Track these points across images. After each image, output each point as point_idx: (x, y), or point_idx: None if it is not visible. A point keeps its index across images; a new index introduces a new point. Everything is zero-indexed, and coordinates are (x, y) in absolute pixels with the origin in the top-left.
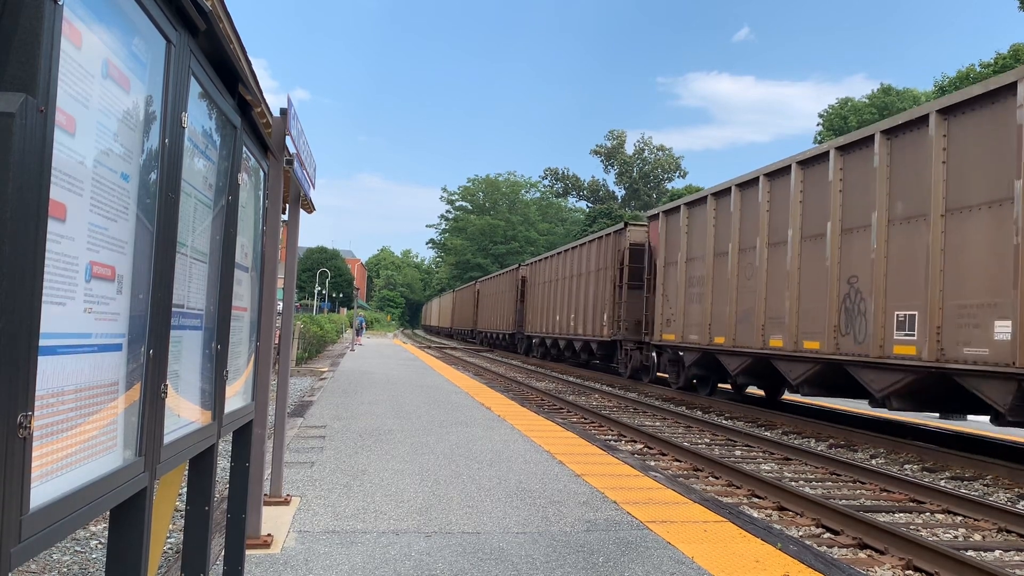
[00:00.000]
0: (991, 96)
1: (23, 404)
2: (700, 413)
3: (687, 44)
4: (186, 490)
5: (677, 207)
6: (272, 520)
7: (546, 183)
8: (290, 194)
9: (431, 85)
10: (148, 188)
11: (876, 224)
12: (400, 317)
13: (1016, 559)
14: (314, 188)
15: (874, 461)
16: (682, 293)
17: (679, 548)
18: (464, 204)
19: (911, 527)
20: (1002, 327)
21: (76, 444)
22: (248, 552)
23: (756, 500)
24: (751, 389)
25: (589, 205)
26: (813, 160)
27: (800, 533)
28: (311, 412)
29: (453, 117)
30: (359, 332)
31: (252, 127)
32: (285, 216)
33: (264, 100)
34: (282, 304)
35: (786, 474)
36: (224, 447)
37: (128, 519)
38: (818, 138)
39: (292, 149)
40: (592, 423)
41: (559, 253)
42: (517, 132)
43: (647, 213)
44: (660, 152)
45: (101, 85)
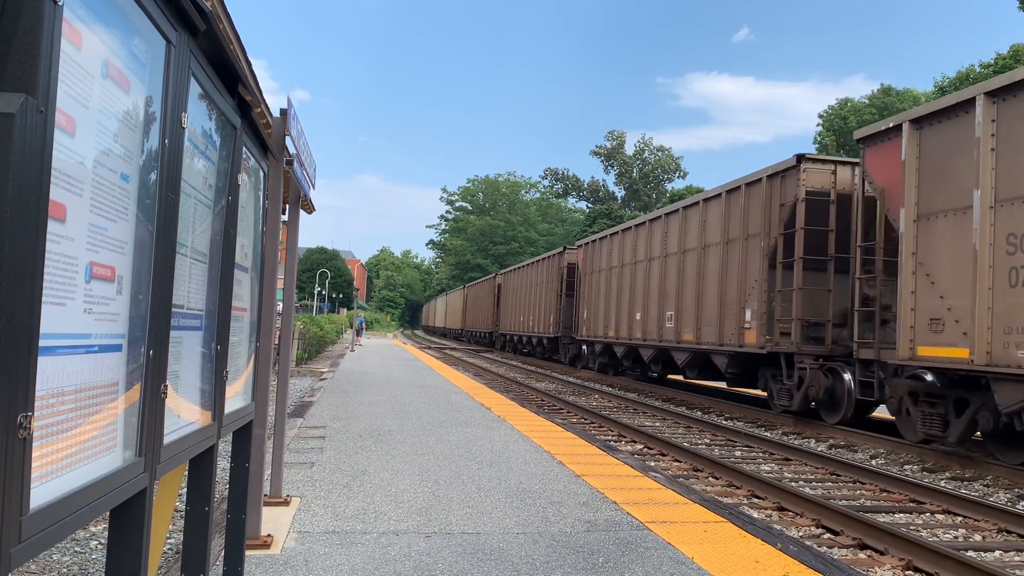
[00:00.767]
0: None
1: (23, 404)
2: (700, 413)
3: (687, 44)
4: (186, 490)
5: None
6: (272, 520)
7: (546, 183)
8: (290, 194)
9: (431, 85)
10: (148, 188)
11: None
12: (400, 318)
13: (1016, 559)
14: (314, 188)
15: (874, 461)
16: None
17: (679, 548)
18: (464, 204)
19: (911, 527)
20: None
21: (76, 444)
22: (248, 552)
23: (756, 500)
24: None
25: (589, 205)
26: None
27: (800, 533)
28: (311, 412)
29: (453, 117)
30: (359, 333)
31: (252, 127)
32: (285, 216)
33: (264, 100)
34: (282, 304)
35: (786, 474)
36: (224, 447)
37: (128, 519)
38: (818, 138)
39: (292, 149)
40: (592, 423)
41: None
42: (517, 132)
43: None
44: (660, 153)
45: (101, 85)
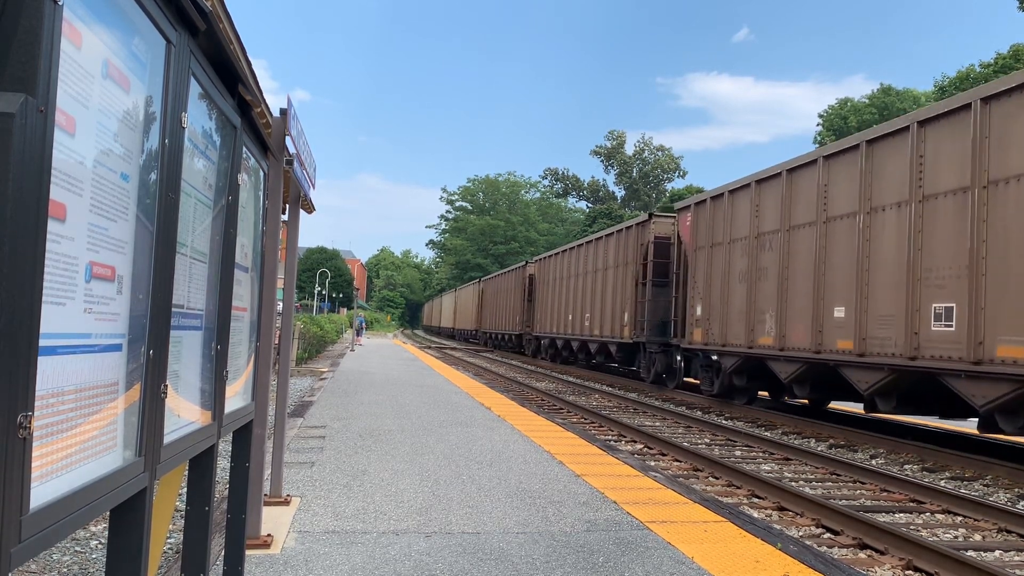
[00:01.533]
0: None
1: (23, 404)
2: (700, 413)
3: (687, 45)
4: (186, 490)
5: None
6: (272, 520)
7: (546, 183)
8: (290, 194)
9: (431, 85)
10: (148, 188)
11: None
12: (400, 317)
13: (1016, 559)
14: (314, 188)
15: (874, 461)
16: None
17: (679, 548)
18: (464, 204)
19: (911, 527)
20: None
21: (76, 444)
22: (248, 552)
23: (756, 500)
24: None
25: (589, 205)
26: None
27: (800, 533)
28: (311, 412)
29: (453, 117)
30: (359, 332)
31: (252, 127)
32: (285, 216)
33: (264, 100)
34: (282, 304)
35: (786, 474)
36: (224, 447)
37: (128, 519)
38: (818, 138)
39: (292, 149)
40: (592, 423)
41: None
42: (517, 132)
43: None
44: (660, 152)
45: (101, 85)
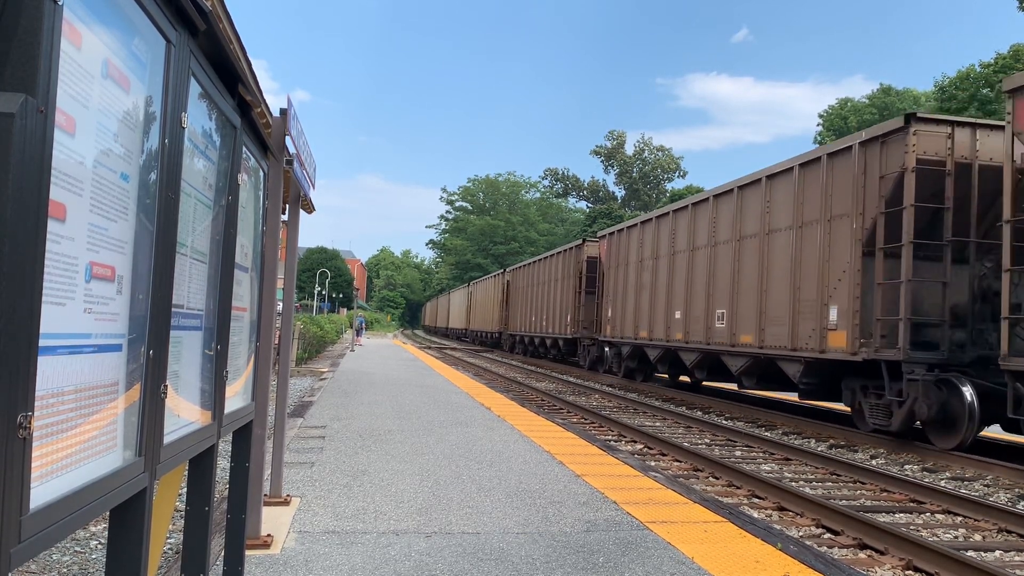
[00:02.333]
0: None
1: (23, 404)
2: (700, 413)
3: (686, 45)
4: (186, 490)
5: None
6: (272, 520)
7: (546, 183)
8: (290, 194)
9: (431, 85)
10: (148, 188)
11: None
12: (400, 317)
13: (1016, 559)
14: (314, 188)
15: (874, 461)
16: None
17: (679, 548)
18: (464, 204)
19: (911, 527)
20: None
21: (76, 444)
22: (248, 552)
23: (756, 500)
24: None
25: (589, 205)
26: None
27: (800, 533)
28: (311, 412)
29: (453, 117)
30: (359, 332)
31: (252, 127)
32: (285, 216)
33: (264, 100)
34: (282, 304)
35: (786, 474)
36: (224, 447)
37: (128, 519)
38: (818, 138)
39: (292, 149)
40: (592, 423)
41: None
42: (517, 132)
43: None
44: (660, 153)
45: (101, 85)
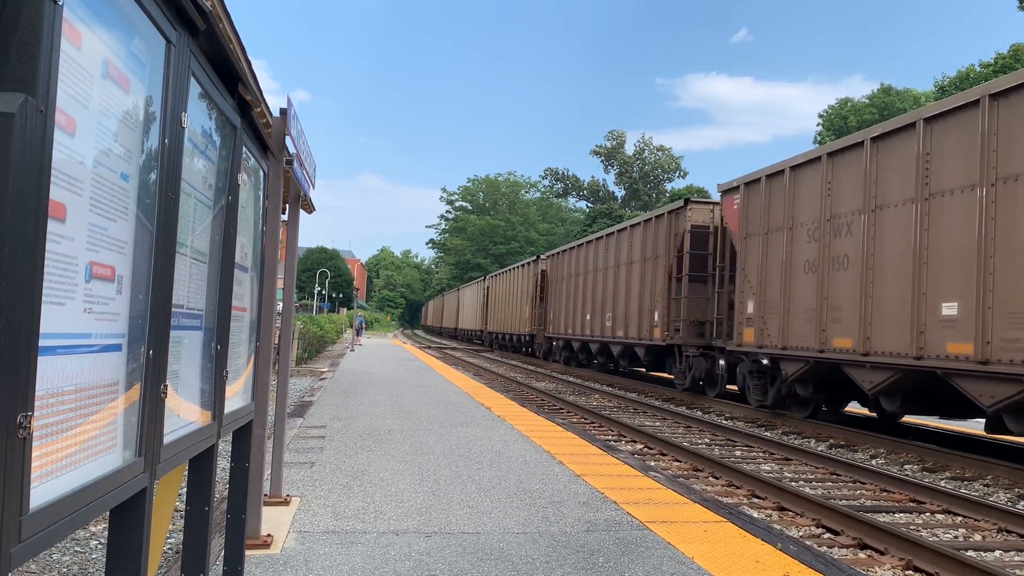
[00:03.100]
0: None
1: (23, 404)
2: (700, 413)
3: (686, 45)
4: (186, 490)
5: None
6: (272, 520)
7: (546, 183)
8: (290, 194)
9: (432, 85)
10: (148, 188)
11: None
12: (400, 317)
13: (1016, 559)
14: (314, 188)
15: (874, 461)
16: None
17: (679, 548)
18: (464, 204)
19: (911, 527)
20: None
21: (76, 444)
22: (248, 552)
23: (756, 500)
24: None
25: (589, 205)
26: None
27: (800, 533)
28: (311, 412)
29: (453, 117)
30: (359, 332)
31: (252, 127)
32: (285, 216)
33: (264, 100)
34: (282, 304)
35: (786, 474)
36: (224, 447)
37: (128, 519)
38: (817, 139)
39: (292, 149)
40: (592, 423)
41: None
42: (517, 132)
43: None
44: (660, 152)
45: (101, 85)
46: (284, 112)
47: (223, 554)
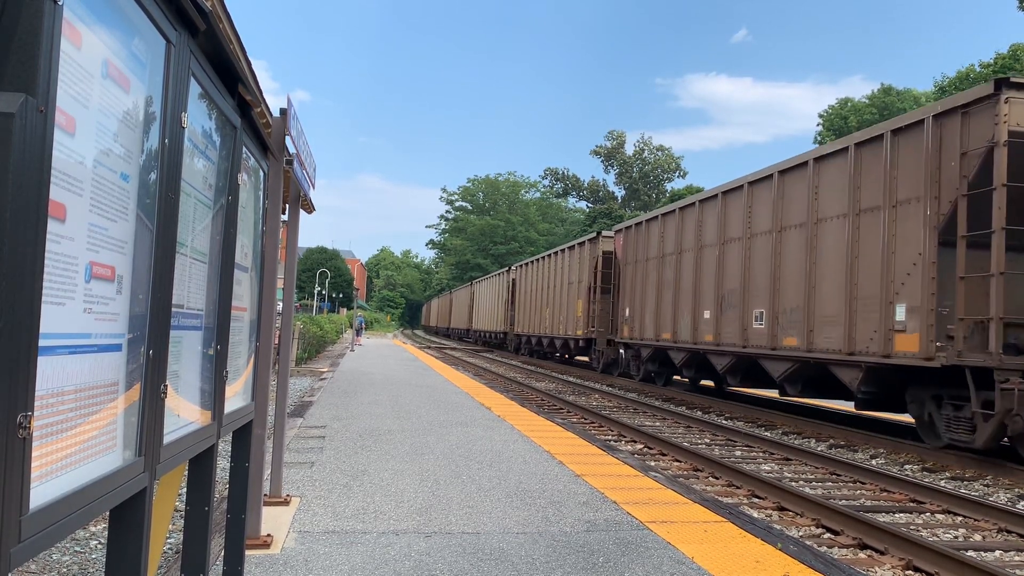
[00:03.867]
0: None
1: (23, 404)
2: (700, 413)
3: (686, 45)
4: (186, 490)
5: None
6: (272, 520)
7: (546, 183)
8: (290, 194)
9: (432, 85)
10: (148, 188)
11: None
12: (400, 317)
13: (1016, 559)
14: (314, 188)
15: (874, 461)
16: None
17: (679, 548)
18: (464, 204)
19: (911, 527)
20: None
21: (76, 444)
22: (248, 552)
23: (756, 500)
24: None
25: (589, 205)
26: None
27: (800, 533)
28: (311, 412)
29: (453, 117)
30: (359, 332)
31: (252, 127)
32: (285, 216)
33: (264, 100)
34: (282, 304)
35: (786, 474)
36: (224, 447)
37: (128, 519)
38: (818, 138)
39: (292, 149)
40: (592, 423)
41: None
42: (517, 132)
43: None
44: (660, 152)
45: (101, 85)
46: (284, 112)
47: (223, 554)
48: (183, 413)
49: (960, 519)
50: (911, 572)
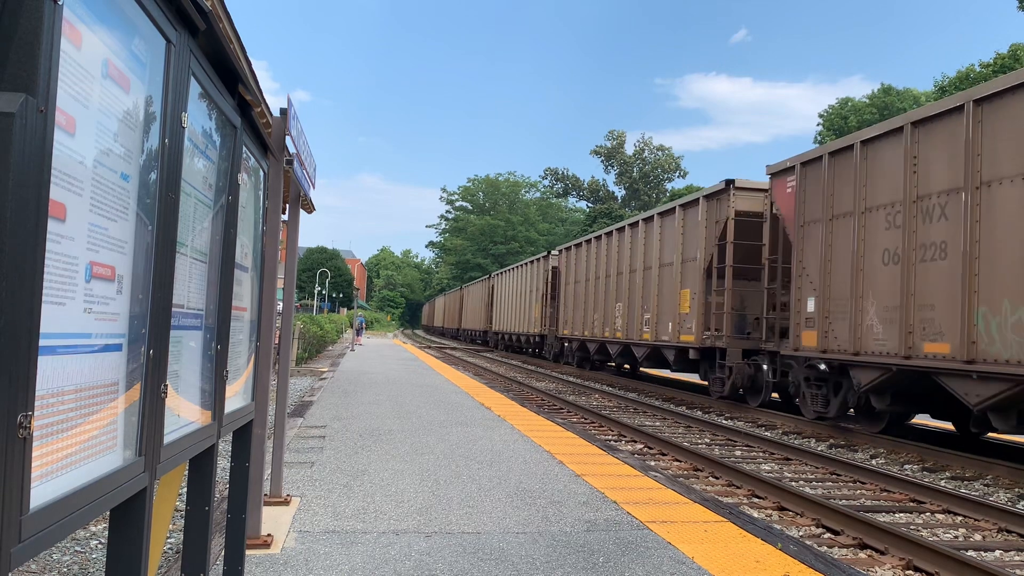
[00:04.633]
0: None
1: (23, 404)
2: (700, 413)
3: (685, 45)
4: (186, 490)
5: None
6: (272, 520)
7: (546, 183)
8: (290, 194)
9: (431, 85)
10: (148, 188)
11: None
12: (400, 317)
13: (1016, 559)
14: (314, 188)
15: (874, 461)
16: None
17: (679, 548)
18: (464, 204)
19: (911, 527)
20: None
21: (76, 444)
22: (248, 552)
23: (756, 500)
24: None
25: (589, 205)
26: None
27: (800, 533)
28: (311, 412)
29: (453, 117)
30: (359, 332)
31: (252, 127)
32: (285, 216)
33: (264, 100)
34: (282, 304)
35: (786, 474)
36: (224, 447)
37: (128, 519)
38: (818, 138)
39: (292, 149)
40: (592, 423)
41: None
42: (517, 132)
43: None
44: (660, 152)
45: (101, 85)
46: (284, 112)
47: (223, 554)
48: (183, 413)
49: (960, 519)
50: (911, 572)
